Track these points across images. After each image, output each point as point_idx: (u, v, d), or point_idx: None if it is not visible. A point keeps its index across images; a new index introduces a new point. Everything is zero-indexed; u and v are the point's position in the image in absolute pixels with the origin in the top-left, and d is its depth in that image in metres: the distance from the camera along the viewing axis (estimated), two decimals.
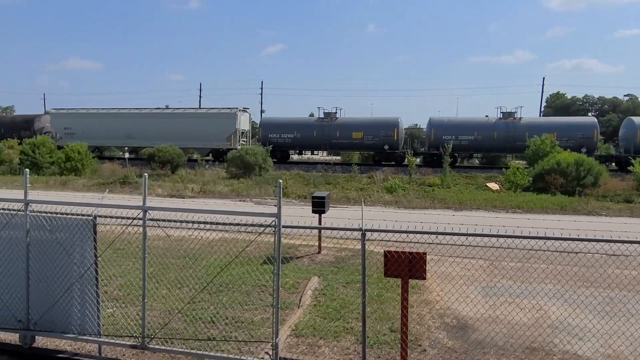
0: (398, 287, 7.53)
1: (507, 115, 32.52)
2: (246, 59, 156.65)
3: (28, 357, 5.37)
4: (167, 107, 43.71)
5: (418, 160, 34.95)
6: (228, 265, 6.06)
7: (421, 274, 4.73)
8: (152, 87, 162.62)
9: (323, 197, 9.60)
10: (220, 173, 26.72)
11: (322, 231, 10.18)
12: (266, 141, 33.94)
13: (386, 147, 33.01)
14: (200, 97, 72.34)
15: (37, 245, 5.45)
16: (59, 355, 5.37)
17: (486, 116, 34.76)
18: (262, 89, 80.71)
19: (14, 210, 5.67)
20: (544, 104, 65.70)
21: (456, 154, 32.51)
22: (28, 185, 5.57)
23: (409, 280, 4.83)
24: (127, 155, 27.95)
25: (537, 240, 4.88)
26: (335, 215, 12.00)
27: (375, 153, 34.19)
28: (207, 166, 29.61)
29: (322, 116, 34.87)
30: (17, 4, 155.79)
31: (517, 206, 17.91)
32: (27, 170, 5.90)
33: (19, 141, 32.52)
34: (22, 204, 5.50)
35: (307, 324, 6.34)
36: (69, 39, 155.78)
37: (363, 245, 4.83)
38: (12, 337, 5.70)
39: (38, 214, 5.50)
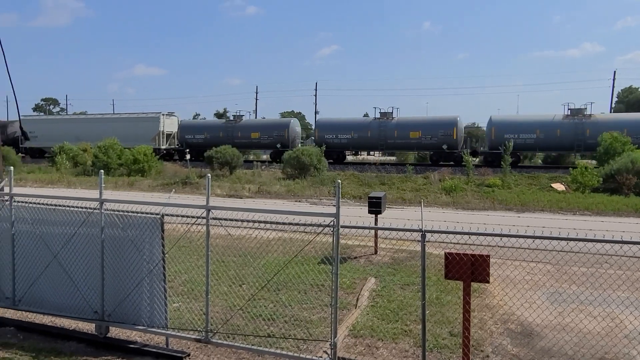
0: (458, 290, 7.36)
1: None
2: (301, 61, 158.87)
3: (103, 345, 5.73)
4: (113, 113, 51.66)
5: (477, 160, 33.82)
6: (287, 263, 6.15)
7: (484, 277, 4.58)
8: (212, 91, 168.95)
9: (380, 198, 9.53)
10: (276, 174, 27.23)
11: (378, 232, 10.11)
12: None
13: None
14: (256, 99, 74.13)
15: (111, 242, 5.82)
16: (130, 346, 5.69)
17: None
18: (316, 90, 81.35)
19: (90, 208, 6.09)
20: (615, 99, 61.48)
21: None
22: (103, 185, 5.95)
23: (471, 283, 4.69)
24: (188, 156, 29.16)
25: (610, 244, 4.58)
26: (391, 216, 11.87)
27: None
28: (263, 167, 30.27)
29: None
30: (91, 17, 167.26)
31: (585, 208, 16.88)
32: (102, 171, 6.31)
33: None
34: (98, 203, 5.89)
35: (365, 324, 6.32)
36: (136, 47, 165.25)
37: (423, 246, 4.75)
38: (89, 327, 6.10)
39: (111, 212, 5.87)
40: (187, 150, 32.48)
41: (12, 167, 6.92)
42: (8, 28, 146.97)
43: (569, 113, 30.71)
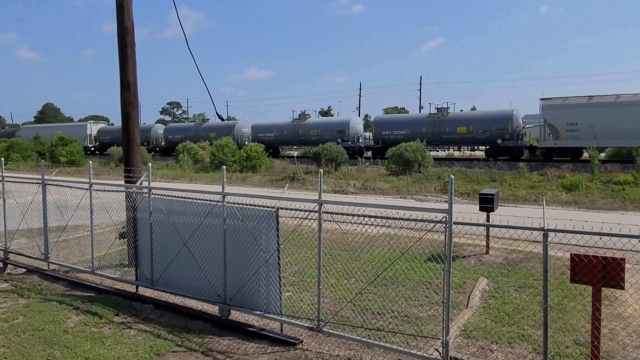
0: (582, 296, 6.75)
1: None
2: (406, 56, 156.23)
3: (225, 326, 6.26)
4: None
5: (603, 154, 30.40)
6: (397, 259, 6.16)
7: (618, 283, 4.16)
8: (317, 90, 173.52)
9: (492, 195, 9.06)
10: (380, 170, 27.15)
11: (490, 231, 9.63)
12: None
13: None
14: (359, 96, 74.27)
15: (231, 232, 6.31)
16: (249, 329, 6.13)
17: None
18: (420, 84, 79.42)
19: (213, 201, 6.66)
20: None
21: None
22: (225, 180, 6.48)
23: (602, 289, 4.29)
24: (295, 153, 30.30)
25: None
26: (504, 214, 11.21)
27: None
28: (367, 163, 30.39)
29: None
30: (211, 26, 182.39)
31: None
32: (224, 167, 6.86)
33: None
34: (219, 196, 6.43)
35: (477, 325, 6.09)
36: (248, 52, 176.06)
37: (545, 246, 4.44)
38: (213, 309, 6.69)
39: (232, 204, 6.37)
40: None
41: (150, 164, 7.82)
42: (142, 41, 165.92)
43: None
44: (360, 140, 38.35)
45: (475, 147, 35.19)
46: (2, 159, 10.31)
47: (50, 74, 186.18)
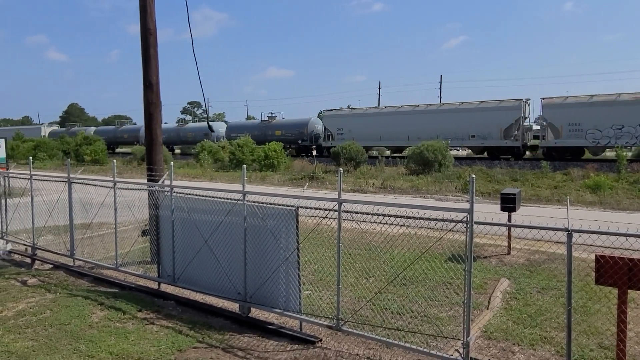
0: (607, 298, 6.60)
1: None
2: (426, 55, 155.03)
3: (245, 324, 6.32)
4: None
5: (630, 154, 29.65)
6: (417, 259, 6.13)
7: None
8: (337, 89, 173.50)
9: (514, 194, 8.93)
10: (399, 169, 27.00)
11: (512, 232, 9.49)
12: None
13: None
14: (379, 95, 73.90)
15: (251, 230, 6.37)
16: (269, 327, 6.18)
17: None
18: (440, 82, 78.78)
19: (233, 199, 6.73)
20: None
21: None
22: (245, 179, 6.54)
23: (628, 291, 4.19)
24: (314, 152, 30.36)
25: None
26: (526, 214, 11.03)
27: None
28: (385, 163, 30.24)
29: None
30: (234, 27, 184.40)
31: None
32: (244, 166, 6.92)
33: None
34: (239, 194, 6.49)
35: (498, 327, 6.02)
36: (269, 51, 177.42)
37: (569, 247, 4.36)
38: (233, 306, 6.77)
39: (252, 203, 6.42)
40: (314, 146, 34.37)
41: (172, 163, 7.95)
42: (166, 42, 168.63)
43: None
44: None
45: (288, 146, 39.70)
46: (31, 158, 10.62)
47: (76, 75, 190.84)
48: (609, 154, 30.88)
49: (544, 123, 29.82)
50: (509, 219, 9.12)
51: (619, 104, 27.44)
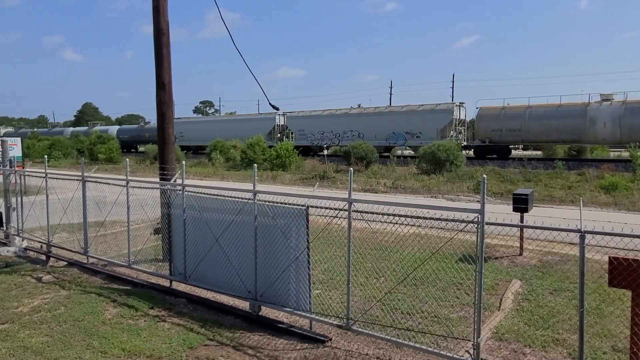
0: (620, 300, 6.51)
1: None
2: (438, 54, 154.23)
3: (256, 322, 6.36)
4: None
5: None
6: (427, 259, 6.11)
7: None
8: (348, 88, 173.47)
9: (526, 195, 8.85)
10: (411, 169, 26.89)
11: (524, 232, 9.40)
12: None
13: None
14: (390, 94, 73.78)
15: (262, 229, 6.40)
16: (279, 325, 6.21)
17: None
18: (453, 82, 78.32)
19: (244, 199, 6.77)
20: None
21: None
22: (256, 178, 6.57)
23: None
24: (326, 152, 30.37)
25: None
26: (538, 215, 10.92)
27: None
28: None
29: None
30: (247, 26, 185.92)
31: None
32: (255, 165, 6.96)
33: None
34: (250, 193, 6.52)
35: (510, 328, 5.97)
36: (280, 51, 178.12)
37: (581, 249, 4.31)
38: (243, 304, 6.80)
39: (263, 202, 6.46)
40: (325, 145, 34.43)
41: (184, 162, 8.02)
42: (180, 42, 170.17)
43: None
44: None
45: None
46: (46, 156, 10.79)
47: (91, 75, 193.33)
48: (624, 153, 30.84)
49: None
50: (521, 220, 9.04)
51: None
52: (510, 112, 31.79)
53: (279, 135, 42.15)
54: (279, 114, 42.72)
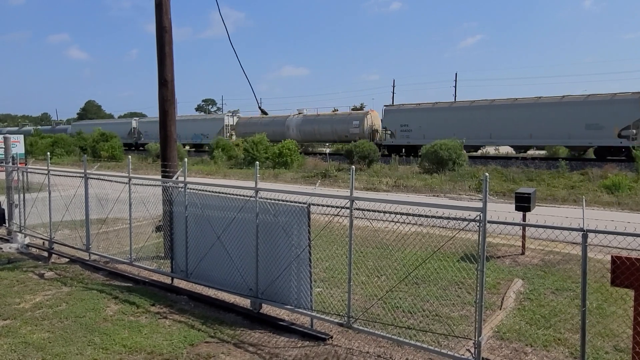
0: (623, 300, 6.49)
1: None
2: (442, 54, 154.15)
3: (257, 320, 6.36)
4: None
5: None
6: (429, 258, 6.09)
7: None
8: (351, 87, 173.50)
9: (529, 194, 8.82)
10: (413, 168, 26.84)
11: (527, 231, 9.38)
12: None
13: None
14: (393, 93, 73.46)
15: (263, 227, 6.40)
16: (280, 323, 6.21)
17: None
18: (455, 81, 78.17)
19: (246, 196, 6.76)
20: None
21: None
22: (258, 176, 6.57)
23: None
24: (327, 150, 30.35)
25: None
26: (541, 214, 10.89)
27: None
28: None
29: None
30: (251, 26, 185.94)
31: None
32: (257, 163, 6.95)
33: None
34: (252, 191, 6.52)
35: (511, 327, 5.96)
36: (284, 50, 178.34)
37: (584, 248, 4.30)
38: (245, 302, 6.81)
39: (265, 200, 6.45)
40: (327, 144, 34.48)
41: (186, 159, 8.02)
42: (184, 41, 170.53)
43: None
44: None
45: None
46: (48, 153, 10.81)
47: (94, 73, 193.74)
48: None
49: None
50: (524, 219, 9.03)
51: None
52: None
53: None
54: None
